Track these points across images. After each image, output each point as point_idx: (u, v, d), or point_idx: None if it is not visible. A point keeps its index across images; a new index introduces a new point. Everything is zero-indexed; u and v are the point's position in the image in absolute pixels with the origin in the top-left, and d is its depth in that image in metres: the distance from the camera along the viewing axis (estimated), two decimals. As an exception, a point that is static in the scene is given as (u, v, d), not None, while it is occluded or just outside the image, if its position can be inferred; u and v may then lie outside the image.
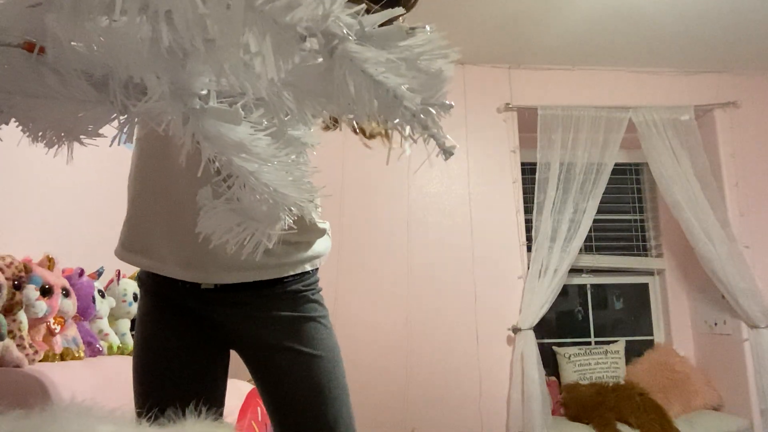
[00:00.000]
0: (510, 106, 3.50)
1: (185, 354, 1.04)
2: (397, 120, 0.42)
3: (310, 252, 1.08)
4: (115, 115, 0.49)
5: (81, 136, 0.51)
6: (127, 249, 1.06)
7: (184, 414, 0.67)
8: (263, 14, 0.37)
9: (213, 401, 1.03)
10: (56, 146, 0.52)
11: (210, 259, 0.99)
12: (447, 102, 0.43)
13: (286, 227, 0.56)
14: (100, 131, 0.51)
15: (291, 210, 0.53)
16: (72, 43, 0.44)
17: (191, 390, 0.98)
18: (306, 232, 1.06)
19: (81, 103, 0.48)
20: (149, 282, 1.07)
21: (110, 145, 0.50)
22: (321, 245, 1.11)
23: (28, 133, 0.51)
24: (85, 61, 0.46)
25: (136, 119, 0.48)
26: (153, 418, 0.68)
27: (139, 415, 0.94)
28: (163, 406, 0.91)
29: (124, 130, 0.49)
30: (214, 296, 1.02)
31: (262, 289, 1.03)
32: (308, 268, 1.07)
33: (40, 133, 0.50)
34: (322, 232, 1.11)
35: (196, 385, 1.02)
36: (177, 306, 1.04)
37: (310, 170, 0.53)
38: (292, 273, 1.04)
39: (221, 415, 1.07)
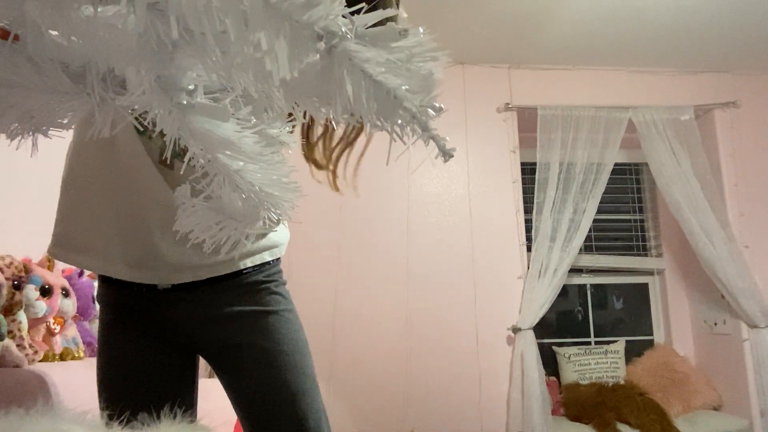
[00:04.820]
0: (510, 106, 3.50)
1: (147, 364, 1.01)
2: (399, 121, 0.42)
3: (267, 242, 1.03)
4: (91, 107, 0.48)
5: (51, 128, 0.50)
6: (66, 248, 0.99)
7: (158, 417, 0.66)
8: (280, 11, 0.36)
9: (181, 406, 1.01)
10: (20, 137, 0.50)
11: (160, 260, 0.95)
12: (438, 105, 0.42)
13: (267, 226, 0.55)
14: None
15: (273, 209, 0.52)
16: (51, 32, 0.43)
17: (157, 398, 0.94)
18: None
19: (56, 94, 0.46)
20: (107, 295, 1.04)
21: (87, 139, 0.49)
22: (278, 235, 1.06)
23: None
24: (62, 51, 0.45)
25: (114, 112, 0.47)
26: (125, 421, 0.67)
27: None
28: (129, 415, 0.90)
29: (101, 124, 0.48)
30: (172, 296, 0.99)
31: (220, 283, 0.99)
32: (267, 258, 1.03)
33: (14, 125, 0.49)
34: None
35: (163, 392, 0.99)
36: (136, 316, 1.01)
37: (290, 169, 0.53)
38: (250, 264, 1.00)
39: (192, 417, 1.04)
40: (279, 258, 1.07)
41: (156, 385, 1.01)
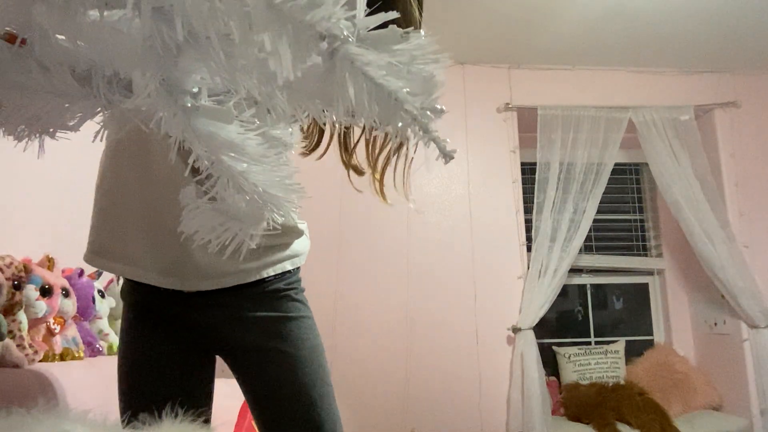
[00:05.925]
0: (510, 106, 3.50)
1: (165, 362, 1.03)
2: (400, 124, 0.42)
3: (289, 251, 1.08)
4: (98, 110, 0.48)
5: (58, 131, 0.50)
6: (101, 255, 1.03)
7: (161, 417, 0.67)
8: (283, 12, 0.37)
9: (198, 406, 1.02)
10: (27, 140, 0.51)
11: (189, 267, 0.98)
12: (439, 107, 0.43)
13: (271, 228, 0.56)
14: (81, 127, 0.50)
15: (276, 210, 0.53)
16: (58, 36, 0.44)
17: (173, 396, 0.96)
18: (284, 234, 1.05)
19: (64, 96, 0.47)
20: (132, 294, 1.06)
21: (93, 141, 0.50)
22: (299, 245, 1.11)
23: (3, 127, 0.50)
24: (69, 55, 0.45)
25: (120, 115, 0.48)
26: (127, 421, 0.68)
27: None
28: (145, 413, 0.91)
29: (108, 126, 0.48)
30: (197, 299, 1.02)
31: (243, 290, 1.02)
32: (288, 267, 1.07)
33: (21, 127, 0.50)
34: (300, 233, 1.11)
35: (180, 392, 1.01)
36: (160, 316, 1.03)
37: (293, 170, 0.53)
38: (273, 273, 1.04)
39: (208, 417, 1.06)
40: (299, 267, 1.11)
41: (173, 382, 1.03)
